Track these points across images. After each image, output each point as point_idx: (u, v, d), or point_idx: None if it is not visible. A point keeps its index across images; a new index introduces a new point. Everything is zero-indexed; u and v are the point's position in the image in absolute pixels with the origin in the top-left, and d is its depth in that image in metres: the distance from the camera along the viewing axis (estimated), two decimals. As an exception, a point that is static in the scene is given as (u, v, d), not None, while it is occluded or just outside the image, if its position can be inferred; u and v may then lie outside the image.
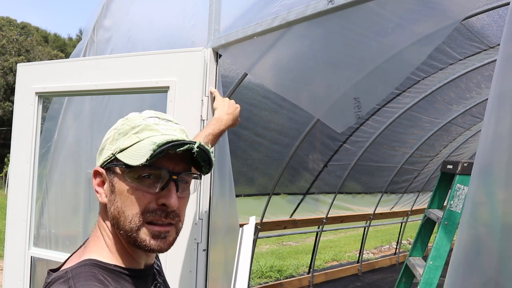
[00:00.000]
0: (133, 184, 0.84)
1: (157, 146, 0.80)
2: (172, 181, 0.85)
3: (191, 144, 0.83)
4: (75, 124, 2.57)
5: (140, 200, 0.84)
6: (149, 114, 0.92)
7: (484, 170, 0.63)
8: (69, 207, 2.46)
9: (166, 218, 0.86)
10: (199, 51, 1.72)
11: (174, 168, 0.86)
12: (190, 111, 1.71)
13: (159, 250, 0.86)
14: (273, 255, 8.43)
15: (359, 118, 1.38)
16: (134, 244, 0.85)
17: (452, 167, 3.10)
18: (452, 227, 2.83)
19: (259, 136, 4.07)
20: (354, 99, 1.34)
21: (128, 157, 0.84)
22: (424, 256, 3.28)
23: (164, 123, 0.90)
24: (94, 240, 0.90)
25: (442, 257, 2.75)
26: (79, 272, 0.81)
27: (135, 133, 0.87)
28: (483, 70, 4.14)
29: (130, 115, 0.93)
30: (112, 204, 0.87)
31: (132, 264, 0.89)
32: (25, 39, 27.25)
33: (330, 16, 1.30)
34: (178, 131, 0.91)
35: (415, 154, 6.12)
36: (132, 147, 0.85)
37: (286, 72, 1.63)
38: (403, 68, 1.33)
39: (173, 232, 0.88)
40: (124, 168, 0.85)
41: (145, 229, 0.84)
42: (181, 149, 0.83)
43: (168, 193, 0.85)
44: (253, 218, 1.52)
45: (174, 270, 1.70)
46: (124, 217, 0.84)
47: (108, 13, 2.55)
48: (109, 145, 0.89)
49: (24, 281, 2.09)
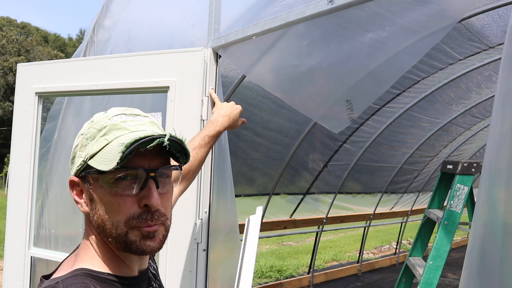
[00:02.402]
0: (110, 189, 0.80)
1: (125, 147, 0.76)
2: (151, 179, 0.81)
3: (160, 138, 0.79)
4: (75, 124, 2.57)
5: (122, 206, 0.80)
6: (114, 112, 0.87)
7: (489, 168, 0.63)
8: (69, 207, 2.46)
9: (152, 221, 0.82)
10: (199, 51, 1.72)
11: (150, 165, 0.82)
12: (190, 111, 1.71)
13: (151, 251, 0.83)
14: (273, 255, 8.43)
15: (352, 120, 1.38)
16: (125, 249, 0.82)
17: (452, 167, 3.10)
18: (452, 227, 2.83)
19: (259, 136, 4.07)
20: (346, 101, 1.33)
21: (98, 162, 0.80)
22: (424, 256, 3.28)
23: (132, 119, 0.86)
24: (84, 249, 0.87)
25: (442, 257, 2.75)
26: (70, 283, 0.78)
27: (102, 136, 0.82)
28: (483, 70, 4.14)
29: (95, 117, 0.88)
30: (95, 213, 0.83)
31: (125, 272, 0.86)
32: (25, 39, 27.26)
33: (330, 16, 1.30)
34: (148, 124, 0.86)
35: (415, 154, 6.12)
36: (102, 151, 0.81)
37: (284, 73, 1.63)
38: (400, 68, 1.32)
39: (162, 230, 0.84)
40: (97, 175, 0.81)
41: (135, 231, 0.81)
42: (152, 145, 0.78)
43: (148, 192, 0.81)
44: (260, 208, 1.51)
45: (174, 270, 1.70)
46: (110, 224, 0.81)
47: (108, 13, 2.55)
48: (79, 152, 0.85)
49: (24, 281, 2.09)
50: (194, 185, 1.68)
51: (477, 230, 0.64)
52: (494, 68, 4.08)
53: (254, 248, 1.36)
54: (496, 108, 0.63)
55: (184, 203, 1.69)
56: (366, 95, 1.35)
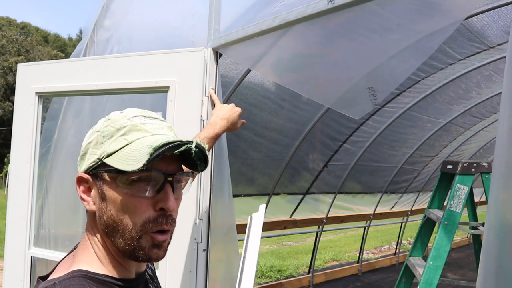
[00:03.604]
0: (126, 190, 0.80)
1: (153, 149, 0.76)
2: (168, 183, 0.81)
3: (188, 144, 0.80)
4: (75, 124, 2.57)
5: (137, 208, 0.80)
6: (133, 113, 0.86)
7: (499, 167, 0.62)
8: (69, 207, 2.47)
9: (167, 225, 0.82)
10: (199, 51, 1.72)
11: (167, 169, 0.82)
12: (190, 111, 1.71)
13: (156, 259, 0.83)
14: (273, 255, 8.43)
15: (376, 105, 1.40)
16: (130, 254, 0.81)
17: (452, 167, 3.10)
18: (452, 227, 2.83)
19: (259, 136, 4.07)
20: (368, 88, 1.35)
21: (120, 161, 0.79)
22: (424, 256, 3.29)
23: (151, 121, 0.85)
24: (83, 249, 0.86)
25: (442, 257, 2.75)
26: (68, 285, 0.77)
27: (122, 135, 0.82)
28: (483, 70, 4.14)
29: (112, 115, 0.86)
30: (104, 212, 0.82)
31: (123, 274, 0.85)
32: (25, 39, 27.26)
33: (330, 16, 1.30)
34: (166, 129, 0.86)
35: (415, 154, 6.13)
36: (122, 151, 0.80)
37: (289, 68, 1.64)
38: (404, 68, 1.33)
39: (168, 238, 0.84)
40: (115, 174, 0.80)
41: (148, 237, 0.81)
42: (179, 150, 0.79)
43: (165, 196, 0.81)
44: (263, 206, 1.51)
45: (174, 270, 1.70)
46: (123, 226, 0.80)
47: (108, 13, 2.55)
48: (92, 149, 0.83)
49: (24, 281, 2.09)
50: (194, 185, 1.68)
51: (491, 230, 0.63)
52: (494, 68, 4.08)
53: (256, 246, 1.36)
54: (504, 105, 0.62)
55: (184, 203, 1.69)
56: (387, 80, 1.35)
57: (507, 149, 0.60)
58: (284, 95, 3.80)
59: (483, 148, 7.86)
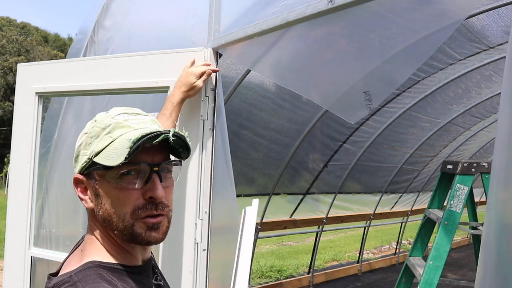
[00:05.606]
0: (116, 184, 0.85)
1: (132, 142, 0.81)
2: (154, 173, 0.86)
3: (165, 133, 0.84)
4: (75, 124, 2.57)
5: (127, 199, 0.85)
6: (117, 112, 0.91)
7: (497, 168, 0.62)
8: (69, 207, 2.47)
9: (157, 210, 0.86)
10: (199, 51, 1.72)
11: (153, 160, 0.87)
12: (190, 111, 1.71)
13: (156, 241, 0.88)
14: (273, 255, 8.43)
15: (371, 110, 1.39)
16: (131, 240, 0.87)
17: (452, 167, 3.10)
18: (452, 227, 2.84)
19: (259, 136, 4.07)
20: (364, 92, 1.35)
21: (105, 158, 0.84)
22: (424, 256, 3.29)
23: (134, 117, 0.90)
24: (90, 243, 0.91)
25: (442, 257, 2.76)
26: (85, 275, 0.81)
27: (107, 134, 0.87)
28: (483, 70, 4.14)
29: (98, 116, 0.92)
30: (100, 207, 0.87)
31: (132, 262, 0.91)
32: (25, 39, 27.27)
33: (330, 16, 1.30)
34: (149, 122, 0.91)
35: (415, 154, 6.13)
36: (107, 148, 0.85)
37: (289, 68, 1.64)
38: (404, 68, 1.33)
39: (165, 221, 0.89)
40: (103, 171, 0.85)
41: (140, 223, 0.86)
42: (157, 140, 0.83)
43: (152, 185, 0.86)
44: (256, 201, 1.52)
45: (174, 271, 1.70)
46: (117, 217, 0.85)
47: (108, 13, 2.55)
48: (83, 150, 0.89)
49: (24, 281, 2.09)
50: (194, 185, 1.68)
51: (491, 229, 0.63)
52: (494, 68, 4.08)
53: (250, 240, 1.37)
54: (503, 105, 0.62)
55: (184, 203, 1.69)
56: (375, 93, 1.36)
57: (507, 149, 0.60)
58: (284, 95, 3.80)
59: (483, 148, 7.86)
